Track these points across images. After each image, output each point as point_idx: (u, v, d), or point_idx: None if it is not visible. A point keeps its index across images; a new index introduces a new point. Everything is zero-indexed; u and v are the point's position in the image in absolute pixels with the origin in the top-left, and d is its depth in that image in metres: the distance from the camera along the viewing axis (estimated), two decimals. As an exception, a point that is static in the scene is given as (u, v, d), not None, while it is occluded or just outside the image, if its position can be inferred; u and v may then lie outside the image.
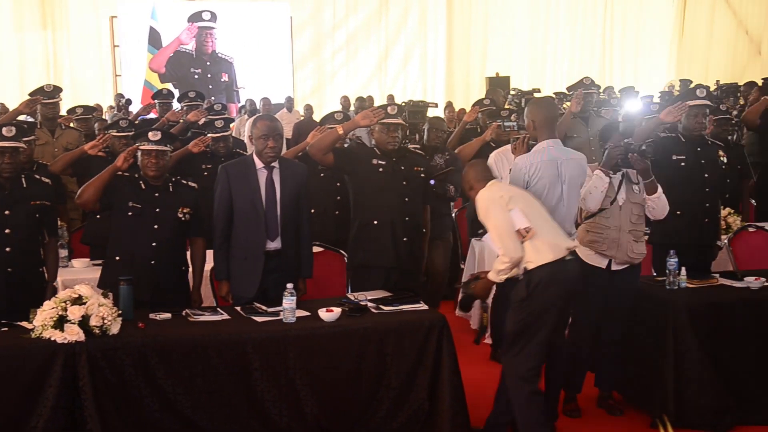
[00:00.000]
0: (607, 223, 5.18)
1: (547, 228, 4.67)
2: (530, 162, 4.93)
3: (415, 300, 5.06)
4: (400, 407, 4.75)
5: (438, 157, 6.66)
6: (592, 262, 5.21)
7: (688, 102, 5.89)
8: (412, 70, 21.51)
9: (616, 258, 5.20)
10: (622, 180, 5.22)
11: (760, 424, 4.97)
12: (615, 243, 5.17)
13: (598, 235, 5.19)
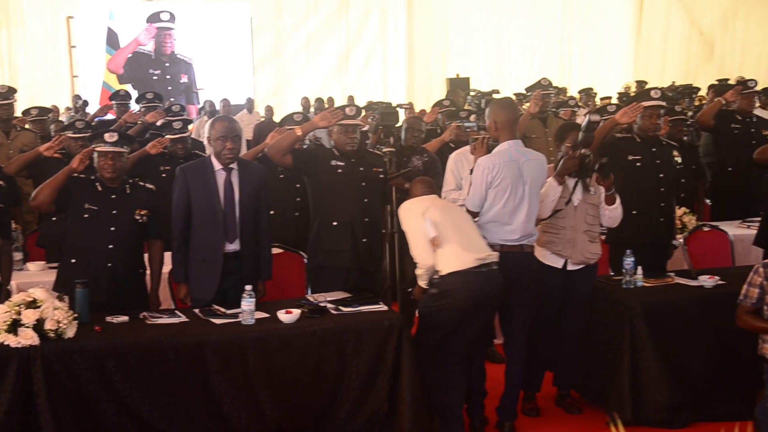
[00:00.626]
0: (563, 223, 5.25)
1: (458, 239, 4.83)
2: (493, 163, 4.97)
3: (374, 301, 5.08)
4: (360, 408, 4.76)
5: (416, 159, 6.56)
6: (549, 263, 5.27)
7: (642, 103, 5.96)
8: (372, 71, 21.52)
9: (572, 258, 5.26)
10: (578, 181, 5.27)
11: (714, 420, 5.03)
12: (570, 243, 5.24)
13: (553, 235, 5.25)
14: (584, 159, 5.17)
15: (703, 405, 5.20)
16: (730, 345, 5.24)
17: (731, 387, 5.27)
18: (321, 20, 21.06)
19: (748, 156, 6.66)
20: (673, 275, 5.69)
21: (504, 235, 5.01)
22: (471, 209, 5.05)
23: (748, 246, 6.75)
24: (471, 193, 5.03)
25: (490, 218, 5.02)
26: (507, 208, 4.99)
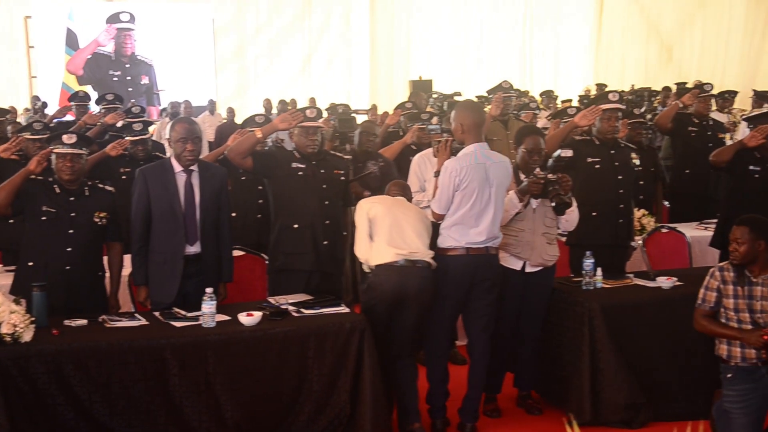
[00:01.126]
0: (522, 226, 5.28)
1: (388, 235, 5.01)
2: (460, 166, 4.97)
3: (336, 303, 5.08)
4: (321, 410, 4.76)
5: (371, 164, 6.44)
6: (507, 264, 5.29)
7: (601, 106, 6.02)
8: (335, 73, 21.50)
9: (531, 260, 5.30)
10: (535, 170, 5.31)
11: (672, 420, 5.09)
12: (529, 245, 5.27)
13: (512, 237, 5.28)
14: (547, 187, 5.19)
15: (661, 405, 5.26)
16: (688, 345, 5.32)
17: (689, 386, 5.34)
18: (284, 22, 21.01)
19: (704, 158, 6.76)
20: (632, 276, 5.76)
21: (470, 238, 5.02)
22: (438, 212, 5.05)
23: (705, 247, 6.86)
24: (438, 196, 5.03)
25: (457, 221, 5.02)
26: (474, 211, 4.99)
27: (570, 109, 8.40)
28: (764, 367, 4.50)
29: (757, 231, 4.53)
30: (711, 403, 5.02)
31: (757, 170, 6.19)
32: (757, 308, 4.52)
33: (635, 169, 6.20)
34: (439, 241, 5.10)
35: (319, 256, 5.50)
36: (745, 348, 4.53)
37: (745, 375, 4.54)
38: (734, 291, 4.58)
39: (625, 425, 5.17)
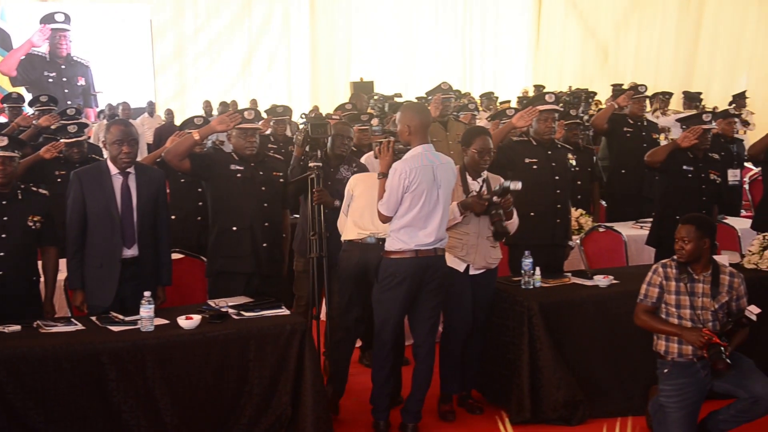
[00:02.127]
0: (466, 229, 5.30)
1: (361, 214, 5.42)
2: (410, 167, 4.94)
3: (276, 305, 5.06)
4: (262, 413, 4.75)
5: (345, 170, 6.03)
6: (452, 266, 5.30)
7: (537, 107, 6.09)
8: (276, 74, 21.42)
9: (475, 263, 5.32)
10: (482, 187, 5.34)
11: (609, 416, 5.17)
12: (473, 248, 5.30)
13: (457, 240, 5.30)
14: (490, 209, 5.22)
15: (599, 401, 5.34)
16: (624, 342, 5.41)
17: (625, 383, 5.43)
18: (223, 23, 20.87)
19: (639, 159, 6.89)
20: (570, 275, 5.83)
21: (419, 240, 5.00)
22: (386, 214, 5.01)
23: (641, 246, 6.99)
24: (386, 198, 4.98)
25: (406, 223, 4.99)
26: (423, 213, 4.98)
27: (509, 110, 8.49)
28: (699, 362, 4.61)
29: (702, 229, 4.65)
30: (647, 399, 5.13)
31: (691, 170, 6.33)
32: (698, 305, 4.64)
33: (572, 169, 6.28)
34: (388, 244, 5.07)
35: (259, 258, 5.48)
36: (682, 344, 4.63)
37: (681, 370, 4.64)
38: (676, 287, 4.68)
39: (564, 422, 5.24)
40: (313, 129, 5.67)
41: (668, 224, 6.29)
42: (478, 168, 5.39)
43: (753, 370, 4.63)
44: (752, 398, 4.55)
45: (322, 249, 5.60)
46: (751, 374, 4.61)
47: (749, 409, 4.59)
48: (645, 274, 4.84)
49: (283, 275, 5.82)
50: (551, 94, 6.32)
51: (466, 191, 5.33)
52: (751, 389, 4.55)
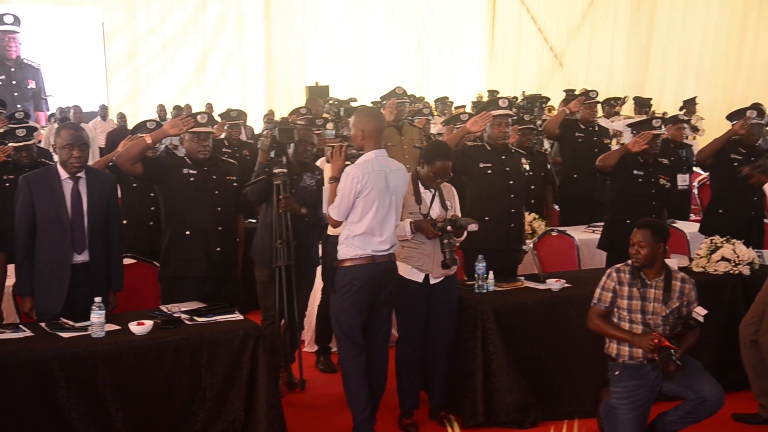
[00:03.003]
0: (422, 238, 5.25)
1: None
2: (362, 172, 4.90)
3: (229, 310, 5.03)
4: (215, 419, 4.71)
5: (308, 177, 5.86)
6: (411, 277, 5.27)
7: (491, 112, 6.13)
8: (231, 78, 21.28)
9: (433, 272, 5.28)
10: (434, 195, 5.34)
11: (561, 419, 5.20)
12: (430, 257, 5.26)
13: (413, 250, 5.27)
14: (443, 239, 5.17)
15: (551, 404, 5.38)
16: (576, 345, 5.47)
17: (577, 386, 5.49)
18: (176, 25, 20.70)
19: (591, 163, 6.97)
20: (523, 279, 5.88)
21: (375, 247, 4.97)
22: (337, 218, 4.97)
23: (593, 249, 7.07)
24: (337, 202, 4.93)
25: (361, 231, 4.94)
26: (377, 220, 4.94)
27: (463, 115, 8.55)
28: (650, 365, 4.68)
29: (658, 234, 4.71)
30: (598, 402, 5.18)
31: (641, 174, 6.42)
32: (649, 310, 4.70)
33: (526, 174, 6.33)
34: (342, 252, 5.01)
35: (212, 262, 5.45)
36: (633, 348, 4.69)
37: (632, 372, 4.71)
38: (629, 292, 4.74)
39: (516, 425, 5.27)
40: (280, 134, 5.54)
41: (619, 228, 6.41)
42: (432, 184, 5.34)
43: (701, 372, 4.71)
44: (699, 399, 4.63)
45: (290, 257, 5.52)
46: (699, 376, 4.69)
47: (696, 409, 4.67)
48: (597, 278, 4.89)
49: (237, 280, 5.79)
50: (505, 99, 6.37)
51: (419, 200, 5.29)
52: (699, 390, 4.63)
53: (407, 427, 5.37)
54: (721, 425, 5.26)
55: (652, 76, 19.00)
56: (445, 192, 5.40)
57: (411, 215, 5.25)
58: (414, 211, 5.26)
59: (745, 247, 5.95)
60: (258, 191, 5.64)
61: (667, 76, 18.61)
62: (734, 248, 5.90)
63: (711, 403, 4.62)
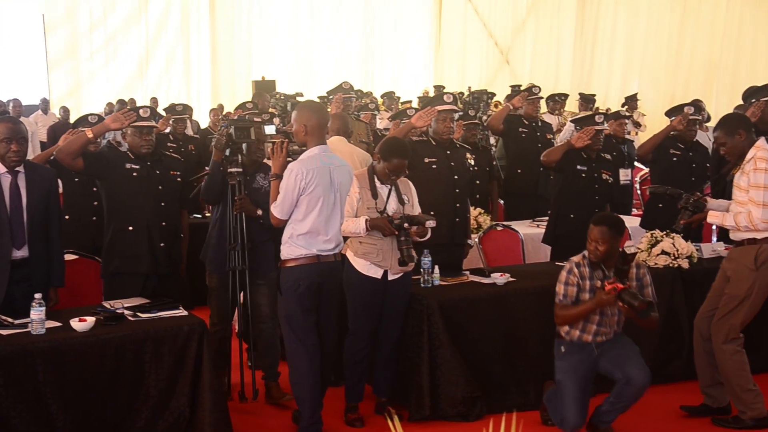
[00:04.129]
0: (380, 234, 5.23)
1: None
2: (307, 168, 4.83)
3: (173, 306, 4.98)
4: (160, 415, 4.68)
5: (261, 178, 5.67)
6: (369, 273, 5.26)
7: (436, 107, 6.16)
8: (175, 73, 21.04)
9: (392, 268, 5.27)
10: (391, 190, 5.33)
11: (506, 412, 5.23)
12: (389, 253, 5.24)
13: (371, 246, 5.25)
14: (399, 237, 5.16)
15: (496, 397, 5.42)
16: (521, 338, 5.53)
17: (521, 379, 5.54)
18: (119, 19, 20.38)
19: (535, 158, 7.04)
20: (468, 273, 5.90)
21: (320, 246, 4.93)
22: (280, 216, 4.89)
23: (538, 244, 7.14)
24: (281, 200, 4.86)
25: (306, 230, 4.89)
26: (322, 218, 4.90)
27: (410, 110, 8.56)
28: (593, 344, 4.83)
29: (614, 229, 4.78)
30: (542, 393, 5.25)
31: (584, 170, 6.50)
32: (608, 312, 4.83)
33: (471, 168, 6.37)
34: (286, 252, 4.94)
35: (156, 258, 5.39)
36: (584, 332, 4.83)
37: (577, 349, 4.84)
38: (591, 285, 4.82)
39: (462, 418, 5.30)
40: (236, 132, 5.39)
41: (563, 223, 6.49)
42: (388, 180, 5.32)
43: (634, 354, 4.85)
44: (625, 379, 4.76)
45: (245, 261, 5.40)
46: (633, 357, 4.83)
47: (623, 390, 4.79)
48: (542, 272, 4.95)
49: (181, 276, 5.74)
50: (449, 94, 6.39)
51: (374, 195, 5.27)
52: (627, 371, 4.77)
53: (353, 421, 5.37)
54: (669, 417, 5.41)
55: (598, 73, 19.25)
56: (402, 187, 5.40)
57: (368, 210, 5.23)
58: (371, 206, 5.24)
59: (684, 240, 6.06)
60: (213, 191, 5.48)
61: (613, 73, 18.87)
62: (674, 242, 6.00)
63: (635, 382, 4.74)
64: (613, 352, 4.88)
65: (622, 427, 5.05)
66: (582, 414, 4.84)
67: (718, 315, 5.23)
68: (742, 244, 5.21)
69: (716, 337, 5.23)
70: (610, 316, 4.84)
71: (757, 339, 5.70)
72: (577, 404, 4.81)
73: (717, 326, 5.23)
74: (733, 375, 5.18)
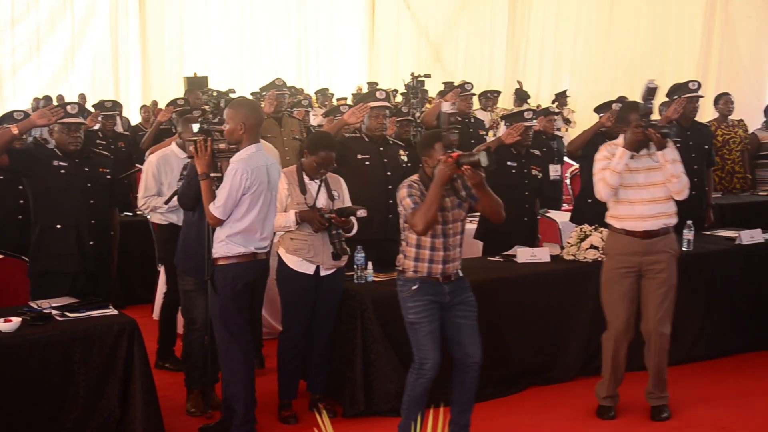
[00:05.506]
0: (311, 229, 5.24)
1: None
2: (250, 167, 4.76)
3: (103, 305, 4.92)
4: (89, 416, 4.62)
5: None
6: (301, 270, 5.26)
7: (368, 103, 6.18)
8: (102, 68, 20.61)
9: (324, 263, 5.27)
10: (320, 185, 5.33)
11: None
12: (321, 248, 5.25)
13: (302, 242, 5.24)
14: (330, 230, 5.16)
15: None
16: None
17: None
18: (44, 13, 19.89)
19: (467, 155, 7.07)
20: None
21: (257, 244, 4.90)
22: (221, 217, 4.78)
23: (470, 239, 7.15)
24: (224, 200, 4.75)
25: (244, 228, 4.83)
26: (260, 216, 4.86)
27: (344, 107, 8.56)
28: (444, 285, 4.69)
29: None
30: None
31: (514, 165, 6.59)
32: (450, 219, 4.69)
33: (404, 165, 6.40)
34: (223, 250, 4.86)
35: (85, 257, 5.32)
36: (432, 263, 4.66)
37: (429, 287, 4.68)
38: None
39: (396, 413, 5.25)
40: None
41: (494, 218, 6.56)
42: (314, 176, 5.33)
43: (474, 331, 4.73)
44: (462, 354, 4.72)
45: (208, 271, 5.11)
46: (471, 333, 4.72)
47: (461, 368, 4.74)
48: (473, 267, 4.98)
49: (111, 275, 5.66)
50: (382, 90, 6.43)
51: (303, 191, 5.27)
52: (465, 347, 4.71)
53: (287, 418, 5.37)
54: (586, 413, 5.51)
55: (531, 70, 19.45)
56: (332, 182, 5.40)
57: (298, 206, 5.22)
58: (300, 202, 5.24)
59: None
60: (192, 196, 5.14)
61: (545, 70, 19.09)
62: (602, 236, 6.11)
63: (470, 359, 4.70)
64: (459, 319, 4.72)
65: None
66: (440, 353, 4.70)
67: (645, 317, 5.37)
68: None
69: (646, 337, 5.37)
70: (452, 236, 4.68)
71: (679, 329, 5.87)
72: (435, 341, 4.66)
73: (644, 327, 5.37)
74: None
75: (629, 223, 5.24)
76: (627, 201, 5.23)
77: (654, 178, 5.20)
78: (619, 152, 5.15)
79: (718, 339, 6.57)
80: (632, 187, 5.21)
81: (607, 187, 5.16)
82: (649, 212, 5.20)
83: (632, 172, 5.19)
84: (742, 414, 5.49)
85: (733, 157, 8.94)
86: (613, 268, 5.32)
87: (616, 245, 5.32)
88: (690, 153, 7.15)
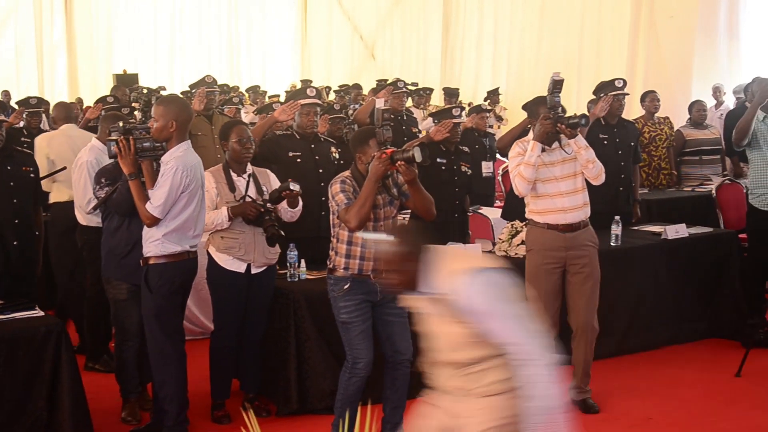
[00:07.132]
0: (241, 227, 5.20)
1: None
2: (187, 165, 4.69)
3: (29, 306, 4.83)
4: (16, 420, 4.53)
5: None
6: (232, 268, 5.22)
7: (299, 101, 6.17)
8: (27, 63, 20.08)
9: (255, 261, 5.24)
10: (249, 181, 5.30)
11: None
12: (251, 246, 5.22)
13: (233, 240, 5.21)
14: (263, 216, 5.14)
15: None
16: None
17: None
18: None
19: (399, 152, 7.10)
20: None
21: (190, 242, 4.84)
22: (160, 216, 4.67)
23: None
24: (164, 199, 4.64)
25: (178, 226, 4.75)
26: (194, 214, 4.81)
27: (276, 104, 8.52)
28: (377, 284, 4.62)
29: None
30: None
31: (444, 162, 6.63)
32: (381, 216, 4.69)
33: (336, 162, 6.40)
34: (157, 249, 4.76)
35: (8, 257, 5.23)
36: (363, 260, 4.64)
37: (360, 285, 4.67)
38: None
39: (330, 411, 5.27)
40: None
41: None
42: (242, 159, 5.29)
43: (405, 328, 4.70)
44: (393, 352, 4.75)
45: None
46: (402, 330, 4.72)
47: (392, 365, 4.77)
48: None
49: (36, 275, 5.54)
50: (313, 88, 6.43)
51: (232, 188, 5.23)
52: (396, 344, 4.74)
53: (220, 418, 5.34)
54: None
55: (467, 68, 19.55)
56: (260, 176, 5.39)
57: (227, 204, 5.18)
58: (230, 200, 5.20)
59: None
60: (129, 202, 4.88)
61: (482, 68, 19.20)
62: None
63: (401, 356, 4.73)
64: (390, 317, 4.72)
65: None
66: (373, 351, 4.72)
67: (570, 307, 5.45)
68: None
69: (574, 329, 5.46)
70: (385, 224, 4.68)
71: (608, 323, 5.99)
72: (368, 340, 4.68)
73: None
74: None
75: (551, 217, 5.33)
76: (547, 195, 5.31)
77: (570, 170, 5.31)
78: (531, 145, 5.25)
79: (645, 332, 6.71)
80: (550, 181, 5.30)
81: (524, 181, 5.25)
82: (570, 204, 5.29)
83: (548, 165, 5.28)
84: (668, 405, 5.62)
85: (659, 154, 9.13)
86: (538, 264, 5.39)
87: (539, 240, 5.40)
88: (617, 150, 7.30)
